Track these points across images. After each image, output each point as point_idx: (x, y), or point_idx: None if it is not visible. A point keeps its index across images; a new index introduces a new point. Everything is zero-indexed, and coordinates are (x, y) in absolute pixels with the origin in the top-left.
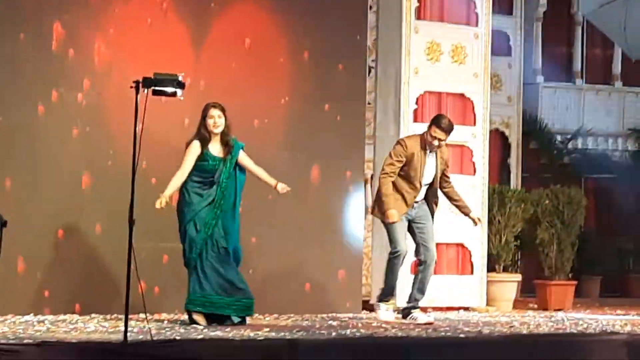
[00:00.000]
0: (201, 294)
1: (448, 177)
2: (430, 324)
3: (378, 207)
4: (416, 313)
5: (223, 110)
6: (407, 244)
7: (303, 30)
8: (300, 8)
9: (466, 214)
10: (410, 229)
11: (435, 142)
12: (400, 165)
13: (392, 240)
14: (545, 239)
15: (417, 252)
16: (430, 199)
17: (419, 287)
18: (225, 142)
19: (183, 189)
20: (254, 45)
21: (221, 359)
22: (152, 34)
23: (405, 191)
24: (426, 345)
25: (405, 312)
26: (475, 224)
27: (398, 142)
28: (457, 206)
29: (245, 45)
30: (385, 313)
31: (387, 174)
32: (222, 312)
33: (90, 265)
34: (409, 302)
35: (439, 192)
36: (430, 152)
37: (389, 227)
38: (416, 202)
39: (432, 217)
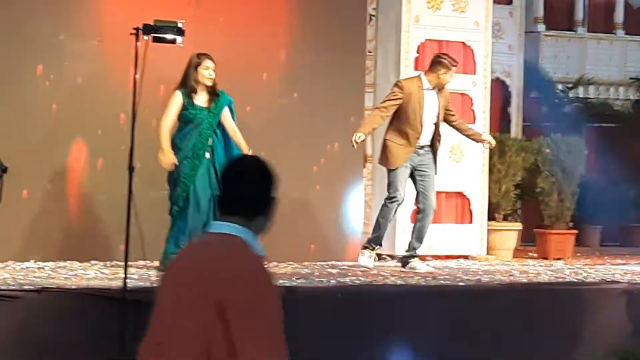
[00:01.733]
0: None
1: (452, 111)
2: (430, 273)
3: (383, 155)
4: (415, 262)
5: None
6: (405, 192)
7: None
8: None
9: (479, 140)
10: (412, 177)
11: (448, 78)
12: (395, 103)
13: (390, 185)
14: (546, 188)
15: (416, 200)
16: (435, 141)
17: (417, 235)
18: (213, 92)
19: None
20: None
21: None
22: None
23: (408, 131)
24: (425, 293)
25: (404, 261)
26: (491, 145)
27: (395, 84)
28: (468, 136)
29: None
30: (366, 259)
31: (377, 108)
32: None
33: (90, 212)
34: (407, 250)
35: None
36: (430, 89)
37: (390, 173)
38: (421, 147)
39: (435, 167)
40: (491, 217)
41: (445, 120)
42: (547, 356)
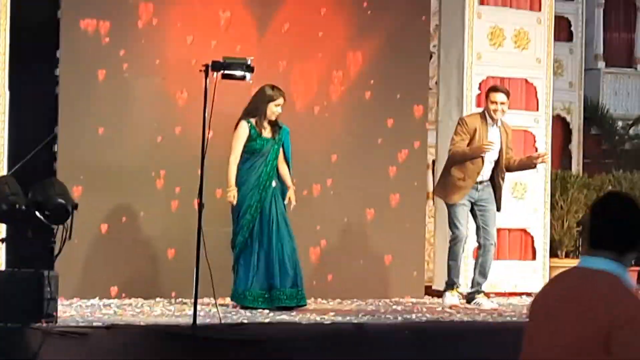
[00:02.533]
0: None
1: (511, 150)
2: (495, 310)
3: (441, 187)
4: (480, 298)
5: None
6: (468, 229)
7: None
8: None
9: (532, 161)
10: (473, 212)
11: (496, 107)
12: (466, 140)
13: (451, 223)
14: None
15: (477, 236)
16: (497, 177)
17: (480, 270)
18: (274, 123)
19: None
20: (320, 34)
21: (289, 343)
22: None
23: (469, 166)
24: (492, 330)
25: (469, 297)
26: (544, 159)
27: (458, 122)
28: (524, 166)
29: (309, 31)
30: (450, 298)
31: (453, 145)
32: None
33: (154, 249)
34: (472, 287)
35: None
36: (493, 125)
37: (450, 209)
38: (481, 182)
39: (497, 203)
40: (553, 254)
41: (506, 165)
42: None
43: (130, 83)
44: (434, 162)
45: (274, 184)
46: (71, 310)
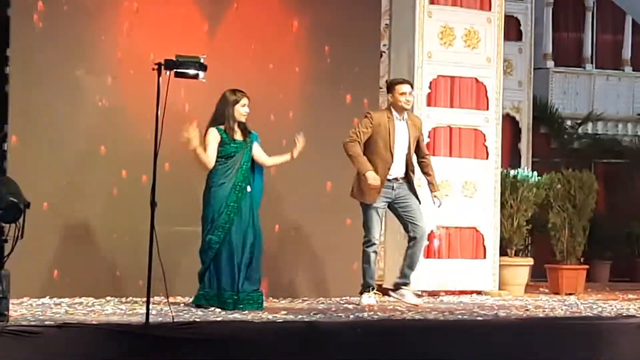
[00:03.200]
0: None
1: (425, 152)
2: (416, 306)
3: (356, 188)
4: (405, 290)
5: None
6: (381, 233)
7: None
8: None
9: (431, 191)
10: (396, 211)
11: (404, 98)
12: (365, 134)
13: (364, 226)
14: (557, 223)
15: (406, 230)
16: (408, 172)
17: (409, 262)
18: (244, 127)
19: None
20: (267, 35)
21: (241, 341)
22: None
23: (379, 162)
24: (443, 327)
25: (395, 286)
26: (435, 203)
27: (364, 115)
28: (427, 180)
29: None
30: (367, 299)
31: (351, 138)
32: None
33: (102, 248)
34: (399, 277)
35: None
36: (400, 120)
37: (364, 211)
38: (396, 180)
39: (416, 196)
40: (503, 253)
41: (416, 153)
42: None
43: (81, 81)
44: None
45: (248, 188)
46: (22, 309)
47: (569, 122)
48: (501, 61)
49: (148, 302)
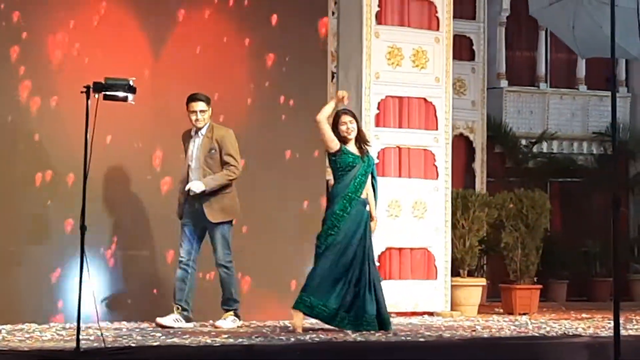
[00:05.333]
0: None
1: (228, 163)
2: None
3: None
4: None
5: (354, 116)
6: (193, 250)
7: (265, 35)
8: (262, 13)
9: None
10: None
11: (196, 116)
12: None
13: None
14: (510, 243)
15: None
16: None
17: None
18: (360, 145)
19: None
20: (215, 49)
21: None
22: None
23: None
24: (384, 349)
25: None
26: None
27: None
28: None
29: (202, 50)
30: (167, 320)
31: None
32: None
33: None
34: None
35: None
36: (197, 135)
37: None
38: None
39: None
40: (456, 273)
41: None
42: None
43: (23, 102)
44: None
45: None
46: None
47: (523, 142)
48: (450, 81)
49: (78, 328)
